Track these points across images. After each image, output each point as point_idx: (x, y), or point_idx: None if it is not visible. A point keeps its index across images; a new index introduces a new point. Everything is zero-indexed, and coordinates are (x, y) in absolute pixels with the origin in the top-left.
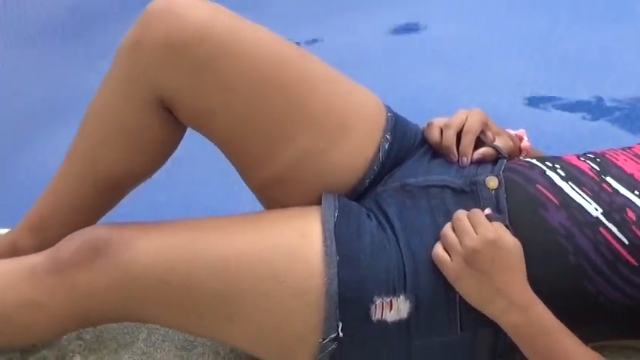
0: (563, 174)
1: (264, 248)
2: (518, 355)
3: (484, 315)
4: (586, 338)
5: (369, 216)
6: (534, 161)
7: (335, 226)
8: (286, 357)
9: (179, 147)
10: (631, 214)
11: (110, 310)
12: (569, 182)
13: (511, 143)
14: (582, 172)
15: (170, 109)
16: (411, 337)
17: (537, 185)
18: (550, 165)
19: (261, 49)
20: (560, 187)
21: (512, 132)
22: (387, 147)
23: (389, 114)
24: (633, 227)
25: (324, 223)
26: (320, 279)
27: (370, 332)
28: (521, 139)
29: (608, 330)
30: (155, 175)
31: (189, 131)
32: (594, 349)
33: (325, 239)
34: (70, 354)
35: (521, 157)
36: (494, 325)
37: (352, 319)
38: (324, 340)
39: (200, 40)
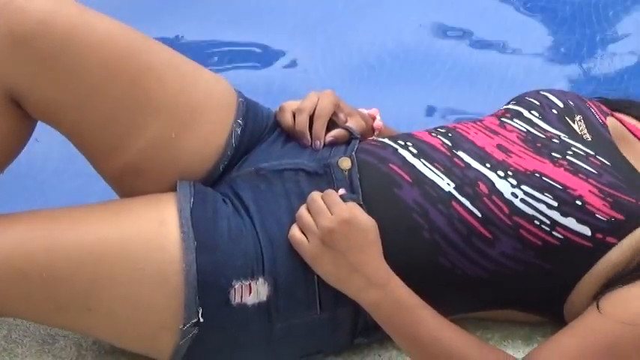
0: (415, 151)
1: (121, 237)
2: (380, 333)
3: (343, 294)
4: (445, 312)
5: (224, 201)
6: (386, 140)
7: (191, 212)
8: (149, 345)
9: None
10: (483, 187)
11: None
12: (421, 159)
13: (363, 123)
14: (434, 148)
15: (18, 103)
16: (271, 320)
17: (390, 164)
18: (402, 143)
19: (106, 39)
20: (412, 165)
21: (365, 111)
22: (239, 132)
23: (240, 99)
24: (485, 200)
25: (180, 210)
26: (178, 265)
27: (231, 316)
28: (374, 118)
29: (467, 303)
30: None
31: None
32: (454, 322)
33: (182, 226)
34: None
35: (374, 137)
36: (354, 303)
37: (212, 304)
38: (184, 326)
39: (43, 33)
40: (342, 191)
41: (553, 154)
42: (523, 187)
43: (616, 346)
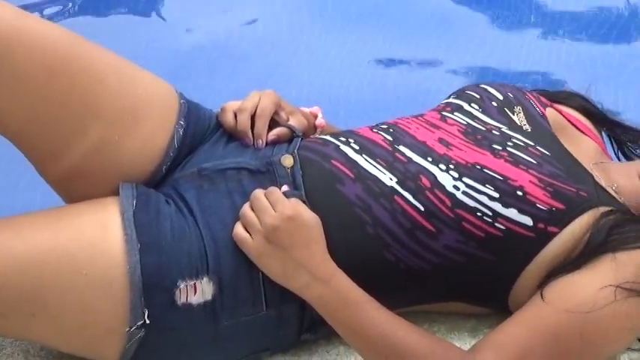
0: (357, 147)
1: (64, 243)
2: (326, 328)
3: (289, 290)
4: (391, 305)
5: (167, 202)
6: (328, 137)
7: (134, 214)
8: (96, 349)
9: None
10: (425, 181)
11: None
12: (363, 155)
13: (305, 121)
14: (376, 144)
15: None
16: (217, 319)
17: (332, 161)
18: (344, 140)
19: (47, 42)
20: (354, 161)
21: (307, 109)
22: (181, 133)
23: (182, 100)
24: (428, 193)
25: (123, 213)
26: (123, 268)
27: (177, 317)
28: (315, 116)
29: (412, 296)
30: None
31: None
32: (400, 315)
33: (125, 228)
34: None
35: (316, 134)
36: (300, 299)
37: (158, 305)
38: (130, 328)
39: None
40: (284, 188)
41: (494, 145)
42: (465, 179)
43: (560, 333)
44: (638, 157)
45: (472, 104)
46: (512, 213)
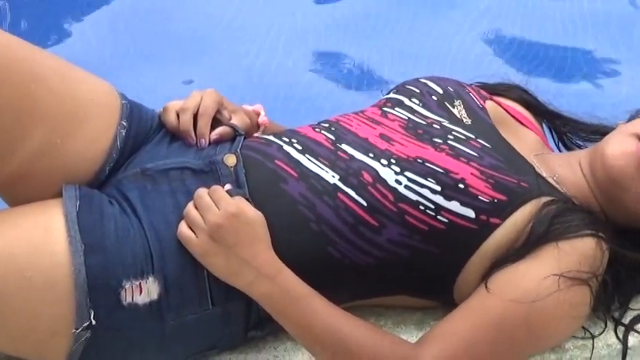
0: (299, 147)
1: (7, 247)
2: (273, 325)
3: (234, 288)
4: (337, 300)
5: (111, 203)
6: (271, 138)
7: (78, 215)
8: (43, 352)
9: None
10: (367, 177)
11: None
12: (306, 154)
13: (248, 120)
14: (318, 143)
15: None
16: (164, 318)
17: (276, 160)
18: (286, 140)
19: None
20: (297, 160)
21: (250, 107)
22: (123, 134)
23: (124, 101)
24: (370, 188)
25: (66, 215)
26: (67, 270)
27: (123, 317)
28: (258, 114)
29: (358, 291)
30: None
31: None
32: (347, 310)
33: (69, 230)
34: None
35: (259, 132)
36: (246, 297)
37: (103, 305)
38: (77, 330)
39: None
40: (228, 186)
41: (434, 139)
42: (406, 173)
43: (505, 323)
44: (578, 148)
45: (412, 99)
46: (454, 206)
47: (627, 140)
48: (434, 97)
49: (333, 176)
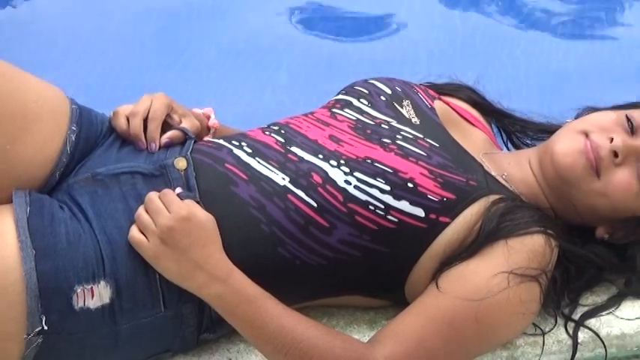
0: (249, 150)
1: None
2: (226, 327)
3: (187, 291)
4: (289, 301)
5: (61, 208)
6: (221, 141)
7: (28, 221)
8: None
9: None
10: (317, 178)
11: None
12: (256, 158)
13: (198, 123)
14: (268, 146)
15: None
16: (116, 321)
17: (226, 164)
18: (236, 143)
19: None
20: (247, 164)
21: (200, 111)
22: (73, 138)
23: (73, 106)
24: (320, 190)
25: (17, 220)
26: (18, 275)
27: (76, 322)
28: (208, 117)
29: (310, 291)
30: None
31: None
32: (299, 311)
33: (19, 235)
34: None
35: (210, 135)
36: (198, 299)
37: (56, 310)
38: (29, 335)
39: None
40: (178, 190)
41: (383, 139)
42: (356, 174)
43: (456, 320)
44: (526, 147)
45: (361, 100)
46: (403, 205)
47: (575, 137)
48: (382, 98)
49: (283, 178)
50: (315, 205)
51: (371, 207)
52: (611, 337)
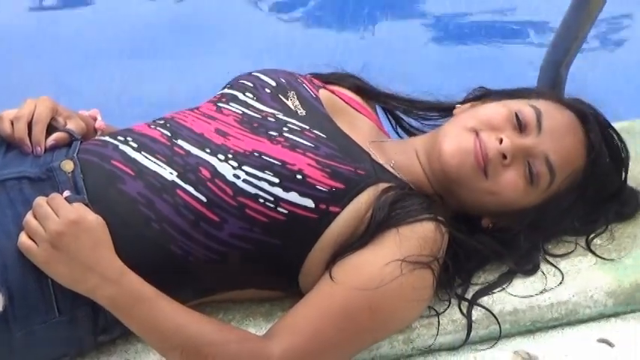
0: (135, 145)
1: None
2: (122, 328)
3: (80, 294)
4: (183, 299)
5: None
6: (107, 138)
7: None
8: None
9: None
10: (205, 172)
11: None
12: (142, 152)
13: (83, 125)
14: (154, 139)
15: None
16: (11, 329)
17: (112, 161)
18: (122, 139)
19: None
20: (134, 159)
21: (86, 112)
22: None
23: None
24: (209, 184)
25: None
26: None
27: None
28: (95, 118)
29: (204, 288)
30: None
31: None
32: (194, 308)
33: None
34: None
35: (97, 137)
36: (92, 302)
37: None
38: None
39: None
40: (66, 193)
41: (270, 132)
42: (244, 167)
43: (350, 310)
44: (416, 131)
45: (247, 93)
46: (293, 196)
47: (464, 135)
48: (267, 90)
49: (171, 173)
50: (204, 199)
51: (261, 200)
52: (504, 313)
